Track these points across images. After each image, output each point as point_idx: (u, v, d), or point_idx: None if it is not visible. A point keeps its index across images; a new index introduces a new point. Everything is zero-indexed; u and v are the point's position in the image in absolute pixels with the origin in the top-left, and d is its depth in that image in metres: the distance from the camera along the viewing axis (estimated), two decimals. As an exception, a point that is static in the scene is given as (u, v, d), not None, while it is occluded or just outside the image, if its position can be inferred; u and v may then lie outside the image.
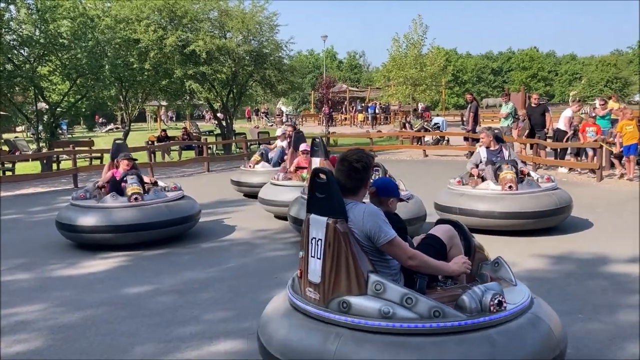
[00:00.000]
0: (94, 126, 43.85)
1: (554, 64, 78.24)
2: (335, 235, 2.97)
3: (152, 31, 17.82)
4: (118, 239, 7.04)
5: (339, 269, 2.96)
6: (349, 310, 2.92)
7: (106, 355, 4.02)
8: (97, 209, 7.08)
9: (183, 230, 7.62)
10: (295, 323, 3.09)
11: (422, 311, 2.82)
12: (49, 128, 17.14)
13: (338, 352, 2.81)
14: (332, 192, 3.02)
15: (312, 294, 3.10)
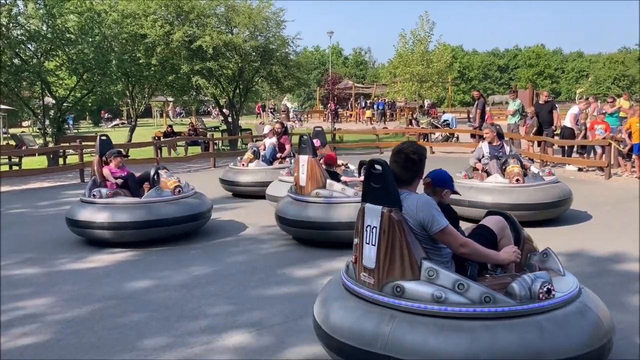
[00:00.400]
0: (100, 121, 43.94)
1: (560, 61, 77.85)
2: (390, 224, 3.11)
3: (159, 26, 17.80)
4: (130, 236, 6.97)
5: (394, 255, 3.11)
6: (403, 294, 3.07)
7: (114, 349, 4.02)
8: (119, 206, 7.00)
9: (195, 228, 7.55)
10: (350, 305, 3.25)
11: (474, 297, 2.95)
12: (55, 123, 17.15)
13: (392, 333, 2.95)
14: (388, 183, 3.16)
15: (367, 278, 3.25)
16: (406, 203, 3.20)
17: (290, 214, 6.84)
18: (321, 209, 6.64)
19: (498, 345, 2.82)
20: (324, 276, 5.70)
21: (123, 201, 7.10)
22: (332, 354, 3.35)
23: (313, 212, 6.64)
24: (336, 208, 6.59)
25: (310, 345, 4.00)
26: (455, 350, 2.83)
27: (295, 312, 4.68)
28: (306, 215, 6.66)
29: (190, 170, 15.65)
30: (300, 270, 5.93)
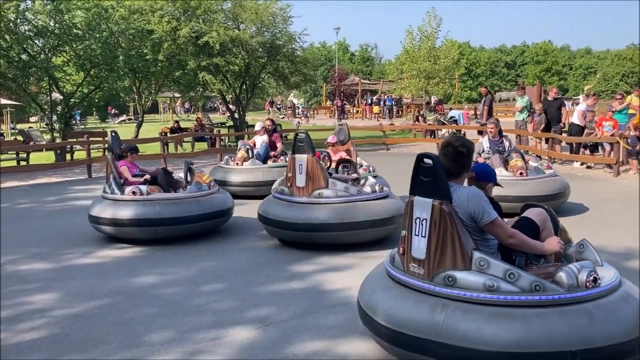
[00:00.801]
0: (107, 117, 44.04)
1: (568, 57, 77.44)
2: (441, 216, 3.21)
3: (166, 22, 17.82)
4: (179, 231, 6.96)
5: (445, 246, 3.21)
6: (455, 283, 3.17)
7: (122, 344, 4.02)
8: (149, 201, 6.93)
9: (224, 223, 7.49)
10: (399, 295, 3.36)
11: (524, 285, 3.06)
12: (62, 118, 17.21)
13: (446, 321, 3.06)
14: (438, 176, 3.25)
15: (416, 269, 3.36)
16: (456, 195, 3.31)
17: (287, 216, 6.43)
18: (328, 210, 6.31)
19: (551, 331, 2.93)
20: (330, 272, 5.70)
21: (173, 196, 7.06)
22: (382, 342, 3.45)
23: (321, 214, 6.29)
24: (349, 207, 6.35)
25: (317, 341, 4.00)
26: (510, 336, 2.94)
27: (302, 309, 4.67)
28: (316, 218, 6.28)
29: (197, 165, 15.63)
30: (306, 267, 5.93)
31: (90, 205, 7.32)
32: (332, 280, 5.46)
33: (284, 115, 42.17)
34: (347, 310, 4.63)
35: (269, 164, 10.20)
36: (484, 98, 17.43)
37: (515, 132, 15.97)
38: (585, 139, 13.30)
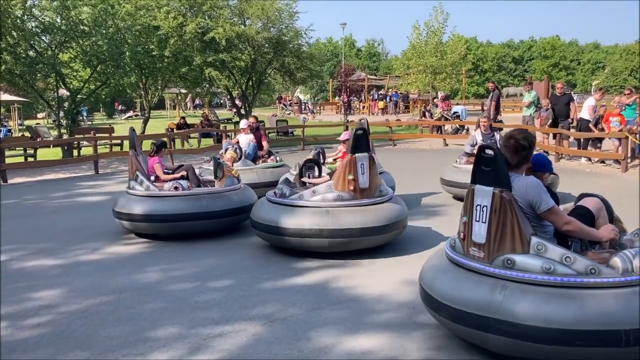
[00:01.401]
0: (114, 113, 44.17)
1: (576, 52, 76.90)
2: (501, 203, 3.44)
3: (172, 18, 17.83)
4: (221, 224, 7.08)
5: (504, 231, 3.44)
6: (513, 266, 3.41)
7: (128, 339, 4.03)
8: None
9: (241, 221, 7.40)
10: (460, 277, 3.61)
11: (580, 268, 3.28)
12: (69, 115, 17.28)
13: (505, 301, 3.31)
14: (499, 166, 3.48)
15: (476, 252, 3.60)
16: (515, 184, 3.52)
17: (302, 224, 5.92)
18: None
19: (606, 311, 3.13)
20: (335, 269, 5.69)
21: (216, 190, 7.14)
22: (444, 320, 3.69)
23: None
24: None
25: (322, 337, 3.99)
26: (566, 315, 3.16)
27: (308, 305, 4.67)
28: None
29: (204, 161, 15.65)
30: (311, 263, 5.92)
31: (116, 202, 7.23)
32: (337, 277, 5.46)
33: (290, 111, 42.13)
34: (352, 306, 4.62)
35: (261, 165, 9.72)
36: (491, 93, 17.34)
37: (522, 127, 15.89)
38: (593, 135, 13.21)
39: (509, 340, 3.31)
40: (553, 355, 3.23)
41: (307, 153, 17.60)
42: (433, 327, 4.15)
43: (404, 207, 6.36)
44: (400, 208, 6.25)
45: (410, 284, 5.16)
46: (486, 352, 3.73)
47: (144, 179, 7.07)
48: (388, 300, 4.75)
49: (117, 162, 15.75)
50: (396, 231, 6.17)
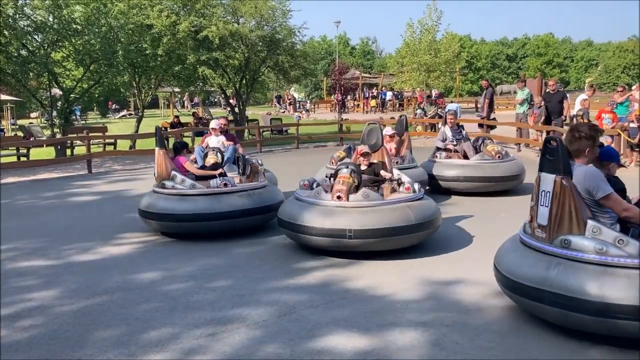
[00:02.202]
0: (107, 112, 44.03)
1: (569, 50, 77.11)
2: (562, 189, 3.85)
3: (165, 17, 17.73)
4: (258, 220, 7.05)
5: (563, 214, 3.86)
6: (569, 246, 3.82)
7: (120, 340, 4.02)
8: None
9: (267, 220, 7.26)
10: (525, 255, 4.10)
11: (631, 251, 3.64)
12: (62, 114, 17.19)
13: (557, 277, 3.76)
14: (561, 155, 3.87)
15: (540, 233, 4.05)
16: (576, 172, 3.89)
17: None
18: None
19: None
20: (332, 268, 5.68)
21: (260, 185, 7.17)
22: (511, 293, 4.16)
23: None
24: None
25: (317, 338, 3.99)
26: (613, 291, 3.54)
27: (303, 305, 4.66)
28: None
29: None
30: (307, 263, 5.92)
31: (149, 203, 6.91)
32: (334, 276, 5.45)
33: (284, 109, 42.08)
34: (347, 305, 4.62)
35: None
36: (484, 91, 17.38)
37: (516, 124, 15.92)
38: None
39: (560, 311, 3.73)
40: (596, 326, 3.65)
41: (301, 152, 17.63)
42: (428, 326, 4.16)
43: (436, 205, 6.32)
44: (434, 206, 6.23)
45: (406, 282, 5.16)
46: (483, 349, 3.74)
47: (183, 177, 6.89)
48: (384, 300, 4.75)
49: (111, 162, 15.69)
50: (429, 230, 6.05)
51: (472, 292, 4.86)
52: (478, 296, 4.76)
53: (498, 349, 3.78)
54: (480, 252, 5.99)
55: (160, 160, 7.05)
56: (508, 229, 5.42)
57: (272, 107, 45.36)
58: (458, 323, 4.20)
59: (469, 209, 8.30)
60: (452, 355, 3.69)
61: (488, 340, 3.91)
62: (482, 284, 5.03)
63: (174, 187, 6.87)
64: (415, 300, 4.70)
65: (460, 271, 5.43)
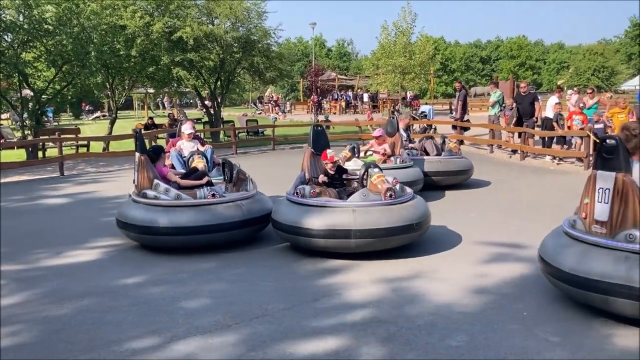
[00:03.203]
0: (81, 114, 43.35)
1: (542, 52, 78.25)
2: (624, 185, 4.04)
3: (139, 17, 17.56)
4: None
5: (627, 210, 4.04)
6: (635, 240, 3.99)
7: (90, 345, 3.97)
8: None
9: (258, 232, 6.91)
10: (585, 250, 4.21)
11: None
12: (34, 115, 16.89)
13: (628, 270, 3.90)
14: (620, 153, 4.05)
15: (599, 229, 4.21)
16: (634, 168, 4.13)
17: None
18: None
19: None
20: (303, 269, 5.70)
21: (250, 195, 6.81)
22: (569, 288, 4.29)
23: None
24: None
25: (288, 340, 4.00)
26: None
27: (274, 306, 4.67)
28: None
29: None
30: (280, 263, 5.93)
31: (134, 214, 6.37)
32: (305, 277, 5.47)
33: (260, 110, 41.95)
34: (318, 305, 4.64)
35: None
36: (458, 93, 17.56)
37: (488, 126, 16.13)
38: (556, 133, 13.48)
39: (631, 303, 3.89)
40: None
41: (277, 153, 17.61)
42: (399, 326, 4.20)
43: (426, 206, 6.38)
44: (425, 207, 6.28)
45: (378, 282, 5.20)
46: (452, 348, 3.79)
47: (171, 187, 6.46)
48: (356, 300, 4.78)
49: (84, 164, 15.48)
50: (421, 231, 6.12)
51: (442, 291, 4.92)
52: (448, 296, 4.82)
53: (466, 347, 3.84)
54: (454, 253, 6.07)
55: (141, 167, 6.60)
56: (470, 227, 5.49)
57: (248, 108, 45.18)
58: (428, 323, 4.25)
59: (435, 206, 8.38)
60: (422, 355, 3.73)
61: (457, 339, 3.96)
62: (453, 283, 5.10)
63: (156, 197, 6.37)
64: (387, 301, 4.74)
65: (432, 271, 5.49)
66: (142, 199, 6.45)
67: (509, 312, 4.44)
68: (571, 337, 3.97)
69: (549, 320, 4.28)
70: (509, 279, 5.22)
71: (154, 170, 6.67)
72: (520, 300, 4.69)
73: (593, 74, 59.72)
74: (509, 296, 4.80)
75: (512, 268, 5.54)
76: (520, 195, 9.72)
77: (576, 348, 3.80)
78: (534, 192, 9.90)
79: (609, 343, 3.88)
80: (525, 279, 5.24)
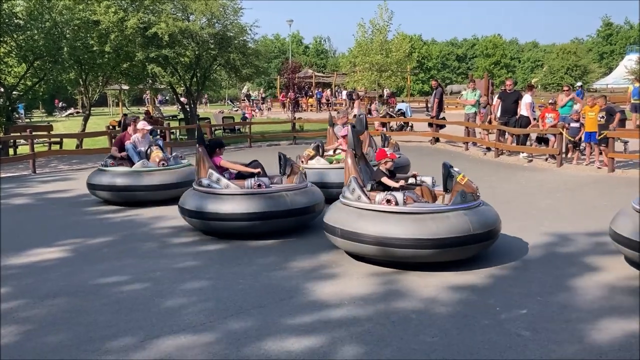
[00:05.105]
0: (54, 110, 42.66)
1: (516, 51, 79.23)
2: None
3: (113, 13, 17.29)
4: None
5: None
6: None
7: (62, 344, 3.92)
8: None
9: (302, 223, 7.02)
10: None
11: None
12: (4, 112, 16.56)
13: None
14: None
15: None
16: None
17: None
18: None
19: None
20: (279, 266, 5.68)
21: (298, 186, 6.97)
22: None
23: None
24: None
25: (264, 337, 3.99)
26: None
27: (250, 304, 4.65)
28: None
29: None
30: (257, 262, 5.91)
31: (188, 201, 6.87)
32: (283, 275, 5.46)
33: (237, 107, 41.74)
34: (295, 303, 4.63)
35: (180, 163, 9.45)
36: (434, 91, 17.67)
37: (465, 124, 16.27)
38: (530, 131, 13.65)
39: None
40: None
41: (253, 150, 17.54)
42: (374, 322, 4.21)
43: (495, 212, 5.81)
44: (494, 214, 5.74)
45: (354, 279, 5.22)
46: (425, 344, 3.81)
47: (222, 177, 6.86)
48: (332, 297, 4.78)
49: (56, 161, 15.22)
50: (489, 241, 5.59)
51: (416, 287, 4.95)
52: (421, 292, 4.85)
53: (440, 343, 3.87)
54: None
55: (199, 156, 7.12)
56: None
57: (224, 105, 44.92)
58: (402, 319, 4.28)
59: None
60: (396, 351, 3.75)
61: (431, 335, 3.99)
62: (426, 280, 5.14)
63: (209, 185, 6.86)
64: (361, 297, 4.75)
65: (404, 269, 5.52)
66: (198, 187, 6.97)
67: (481, 308, 4.49)
68: (542, 332, 4.03)
69: (520, 315, 4.33)
70: (481, 274, 5.27)
71: (209, 160, 7.07)
72: (491, 296, 4.74)
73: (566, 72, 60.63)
74: (481, 292, 4.85)
75: (483, 263, 5.59)
76: (493, 191, 9.83)
77: (547, 342, 3.85)
78: (505, 188, 10.01)
79: (580, 337, 3.94)
80: (496, 274, 5.30)
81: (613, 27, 72.93)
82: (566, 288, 4.90)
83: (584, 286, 4.94)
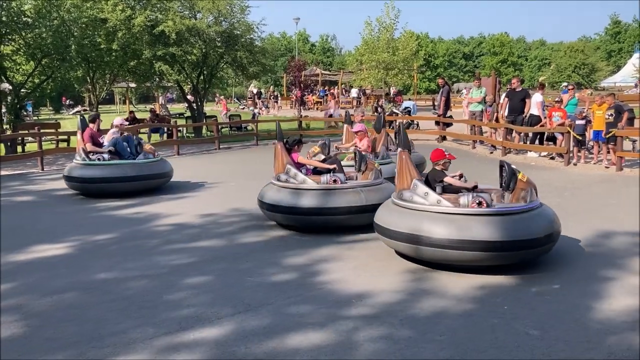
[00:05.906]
0: (61, 108, 42.80)
1: (523, 49, 78.92)
2: None
3: (120, 10, 17.36)
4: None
5: None
6: None
7: (70, 341, 3.93)
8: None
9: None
10: None
11: None
12: (12, 109, 16.64)
13: None
14: None
15: None
16: None
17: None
18: None
19: None
20: (291, 264, 5.69)
21: (372, 183, 7.06)
22: None
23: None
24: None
25: (273, 335, 3.99)
26: None
27: (259, 302, 4.66)
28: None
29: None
30: (274, 260, 5.92)
31: (266, 194, 7.12)
32: (294, 272, 5.47)
33: (244, 105, 41.78)
34: (304, 301, 4.63)
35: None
36: (441, 89, 17.63)
37: (471, 122, 16.22)
38: (536, 129, 13.58)
39: None
40: None
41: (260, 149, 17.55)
42: (382, 320, 4.21)
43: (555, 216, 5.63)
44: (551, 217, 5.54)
45: (362, 277, 5.22)
46: (434, 342, 3.81)
47: (298, 172, 7.05)
48: (341, 296, 4.79)
49: (64, 159, 15.27)
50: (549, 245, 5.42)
51: (423, 286, 4.95)
52: (429, 290, 4.85)
53: (448, 341, 3.86)
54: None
55: (278, 152, 7.33)
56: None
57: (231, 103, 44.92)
58: (410, 317, 4.27)
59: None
60: (404, 349, 3.75)
61: (439, 333, 3.99)
62: (433, 278, 5.13)
63: (287, 180, 7.07)
64: (370, 295, 4.75)
65: (410, 266, 5.52)
66: (276, 182, 7.19)
67: (490, 306, 4.48)
68: (550, 331, 4.02)
69: (528, 314, 4.32)
70: (487, 273, 5.26)
71: (287, 157, 7.27)
72: (499, 294, 4.73)
73: (574, 70, 60.38)
74: (489, 290, 4.84)
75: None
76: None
77: (555, 341, 3.84)
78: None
79: (588, 337, 3.93)
80: (503, 272, 5.28)
81: (621, 25, 72.50)
82: (575, 287, 4.88)
83: (593, 285, 4.92)
